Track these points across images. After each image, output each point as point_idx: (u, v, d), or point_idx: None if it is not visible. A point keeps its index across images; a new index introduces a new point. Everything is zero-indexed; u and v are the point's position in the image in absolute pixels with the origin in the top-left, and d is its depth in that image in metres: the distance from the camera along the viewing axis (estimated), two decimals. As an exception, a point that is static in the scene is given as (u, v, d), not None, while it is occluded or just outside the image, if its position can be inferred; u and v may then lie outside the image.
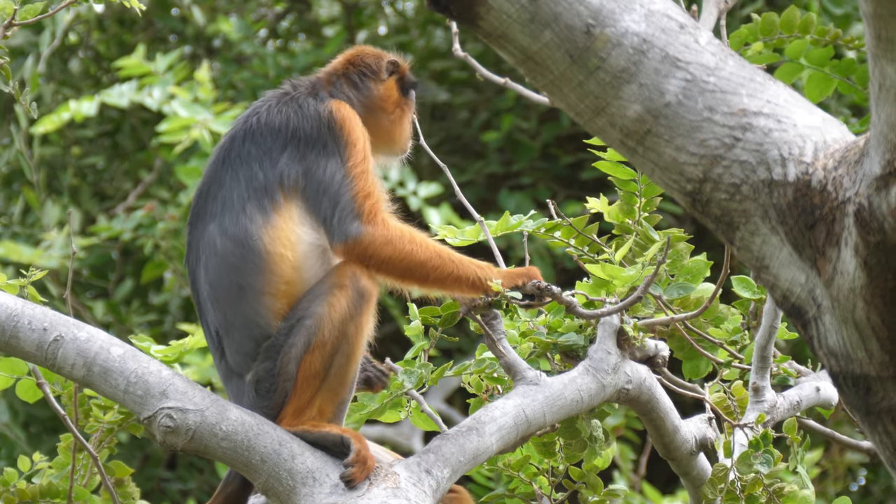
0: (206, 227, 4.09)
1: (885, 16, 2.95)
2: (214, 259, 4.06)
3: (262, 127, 4.13)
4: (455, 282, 4.06)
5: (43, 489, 4.40)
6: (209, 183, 4.12)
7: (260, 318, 4.05)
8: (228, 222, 4.07)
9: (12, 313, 3.94)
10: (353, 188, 4.04)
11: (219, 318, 4.07)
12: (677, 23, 3.20)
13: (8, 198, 9.41)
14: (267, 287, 4.05)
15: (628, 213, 4.45)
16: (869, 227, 3.04)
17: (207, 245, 4.07)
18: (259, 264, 4.04)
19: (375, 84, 4.31)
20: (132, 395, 3.92)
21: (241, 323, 4.06)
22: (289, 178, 4.06)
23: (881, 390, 3.14)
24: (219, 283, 4.07)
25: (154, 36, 10.08)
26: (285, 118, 4.12)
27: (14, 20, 4.33)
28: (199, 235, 4.10)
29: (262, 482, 3.92)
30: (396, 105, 4.30)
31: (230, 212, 4.07)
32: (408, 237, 4.04)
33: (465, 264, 4.06)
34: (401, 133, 4.33)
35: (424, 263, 4.04)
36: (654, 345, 4.31)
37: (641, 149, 3.21)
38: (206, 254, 4.07)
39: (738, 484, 4.27)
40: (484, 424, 4.07)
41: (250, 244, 4.04)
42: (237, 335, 4.06)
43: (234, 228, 4.06)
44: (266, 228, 4.05)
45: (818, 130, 3.17)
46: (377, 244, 4.02)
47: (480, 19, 3.20)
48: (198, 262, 4.11)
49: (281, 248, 4.04)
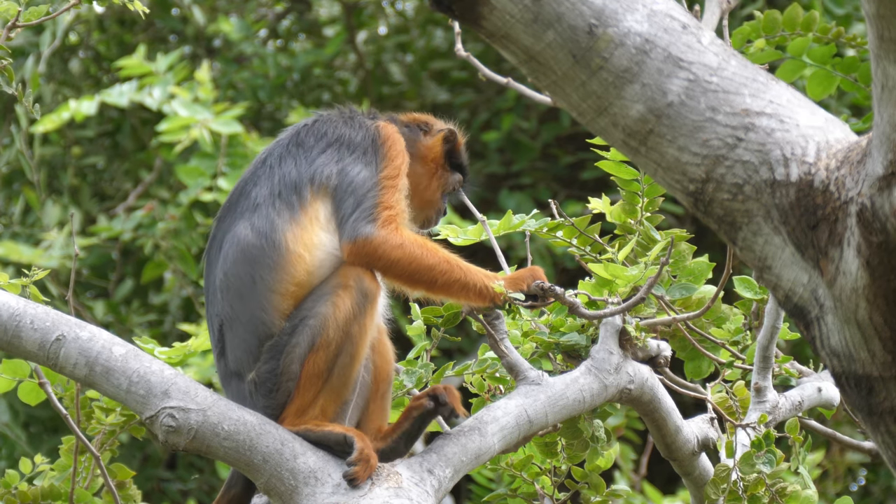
0: (234, 222, 4.14)
1: (887, 16, 2.95)
2: (235, 249, 4.09)
3: (309, 132, 4.23)
4: (462, 289, 4.07)
5: (44, 491, 4.40)
6: (245, 181, 4.20)
7: (265, 314, 4.06)
8: (256, 217, 4.11)
9: (14, 313, 3.94)
10: (379, 197, 4.09)
11: (225, 309, 4.08)
12: (680, 23, 3.20)
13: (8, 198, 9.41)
14: (277, 285, 4.06)
15: (630, 213, 4.45)
16: (871, 228, 3.04)
17: (232, 238, 4.11)
18: (276, 260, 4.06)
19: (425, 136, 4.40)
20: (134, 395, 3.92)
21: (246, 318, 4.07)
22: (321, 175, 4.14)
23: (883, 390, 3.14)
24: (233, 273, 4.09)
25: (154, 36, 10.08)
26: (334, 126, 4.22)
27: (18, 22, 4.34)
28: (226, 229, 4.15)
29: (263, 482, 3.92)
30: (436, 163, 4.38)
31: (260, 207, 4.12)
32: (419, 243, 4.08)
33: (472, 272, 4.08)
34: (429, 192, 4.39)
35: (433, 268, 4.06)
36: (657, 345, 4.31)
37: (644, 149, 3.21)
38: (229, 245, 4.11)
39: (741, 484, 4.27)
40: (486, 424, 4.07)
41: (272, 238, 4.08)
42: (241, 330, 4.07)
43: (261, 221, 4.11)
44: (290, 225, 4.09)
45: (821, 130, 3.17)
46: (389, 246, 4.04)
47: (483, 19, 3.20)
48: (217, 253, 4.14)
49: (301, 249, 4.07)
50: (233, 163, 8.49)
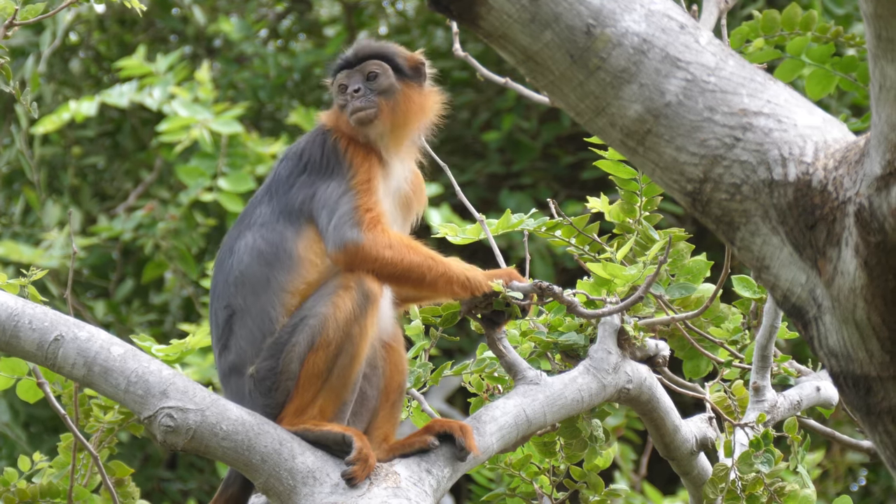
0: (246, 230, 4.18)
1: (885, 16, 2.95)
2: (250, 253, 4.13)
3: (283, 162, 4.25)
4: (447, 283, 4.09)
5: (43, 489, 4.40)
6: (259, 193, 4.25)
7: (273, 311, 4.08)
8: (266, 230, 4.15)
9: (13, 313, 3.94)
10: (355, 201, 4.11)
11: (238, 301, 4.10)
12: (677, 23, 3.20)
13: (8, 198, 9.41)
14: (290, 285, 4.09)
15: (629, 213, 4.45)
16: (869, 228, 3.04)
17: (245, 244, 4.13)
18: (290, 264, 4.10)
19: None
20: (132, 395, 3.92)
21: (256, 311, 4.09)
22: (298, 201, 4.19)
23: (881, 390, 3.13)
24: (249, 272, 4.12)
25: (155, 36, 10.08)
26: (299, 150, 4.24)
27: (15, 20, 4.33)
28: (239, 236, 4.18)
29: (262, 482, 3.92)
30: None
31: (268, 223, 4.15)
32: (405, 242, 4.10)
33: (453, 266, 4.10)
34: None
35: (420, 265, 4.07)
36: (655, 344, 4.31)
37: (642, 149, 3.21)
38: (242, 247, 4.14)
39: (739, 483, 4.27)
40: (484, 424, 4.07)
41: (285, 247, 4.12)
42: (250, 322, 4.09)
43: (272, 234, 4.14)
44: (299, 238, 4.13)
45: (819, 130, 3.16)
46: (379, 247, 4.05)
47: (481, 19, 3.20)
48: (229, 254, 4.15)
49: (312, 256, 4.11)
50: (233, 163, 8.50)
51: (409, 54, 4.34)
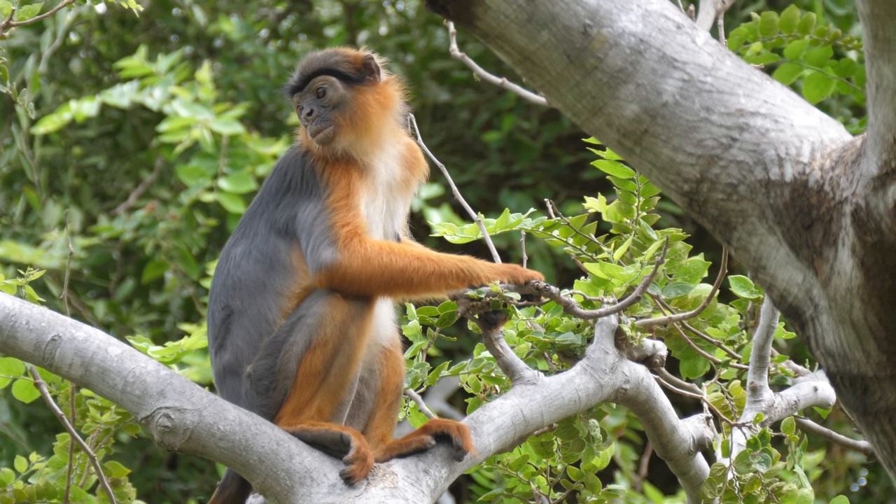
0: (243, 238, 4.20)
1: (881, 16, 2.95)
2: (247, 259, 4.14)
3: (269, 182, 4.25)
4: (439, 278, 4.07)
5: (40, 489, 4.40)
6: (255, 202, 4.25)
7: (270, 312, 4.09)
8: (260, 240, 4.16)
9: (10, 313, 3.94)
10: (330, 219, 4.09)
11: (236, 302, 4.11)
12: (674, 23, 3.20)
13: (9, 198, 9.42)
14: (286, 290, 4.10)
15: (626, 213, 4.45)
16: (866, 228, 3.03)
17: (243, 250, 4.15)
18: (284, 272, 4.13)
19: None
20: (130, 395, 3.92)
21: (253, 312, 4.10)
22: (282, 222, 4.19)
23: (878, 390, 3.13)
24: (246, 275, 4.13)
25: (155, 36, 10.09)
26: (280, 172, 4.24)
27: (12, 20, 4.33)
28: (236, 244, 4.21)
29: (259, 482, 3.92)
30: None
31: (261, 234, 4.17)
32: (386, 250, 4.06)
33: (444, 260, 4.07)
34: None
35: (405, 269, 4.04)
36: (652, 344, 4.31)
37: (639, 149, 3.21)
38: (240, 254, 4.16)
39: (737, 483, 4.27)
40: (482, 424, 4.07)
41: (279, 258, 4.14)
42: (247, 322, 4.09)
43: (266, 245, 4.15)
44: (291, 250, 4.14)
45: (815, 130, 3.16)
46: (356, 266, 4.03)
47: (477, 20, 3.20)
48: (228, 260, 4.15)
49: (305, 266, 4.09)
50: (234, 163, 8.49)
51: (354, 55, 4.27)
